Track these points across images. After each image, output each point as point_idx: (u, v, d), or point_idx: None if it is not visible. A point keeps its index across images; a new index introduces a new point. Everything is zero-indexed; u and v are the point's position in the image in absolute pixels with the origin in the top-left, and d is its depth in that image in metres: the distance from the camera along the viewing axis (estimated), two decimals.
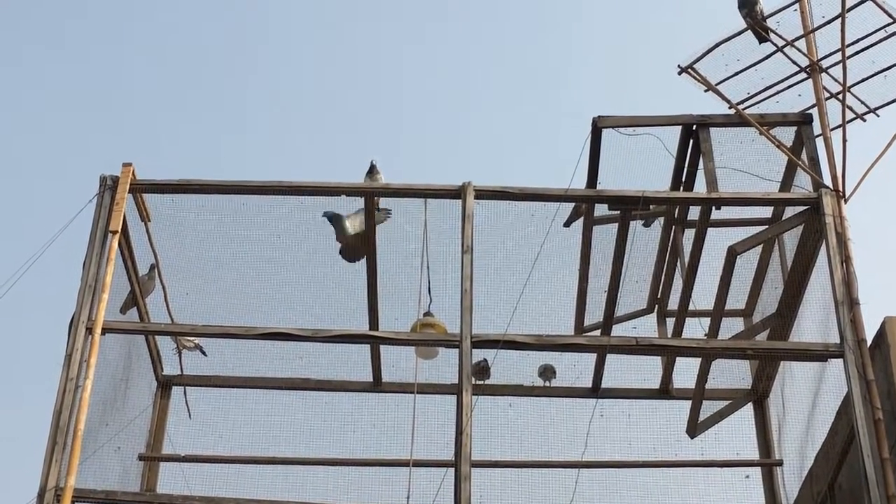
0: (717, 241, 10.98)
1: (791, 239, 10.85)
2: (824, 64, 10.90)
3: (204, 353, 11.74)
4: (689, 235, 11.19)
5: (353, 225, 10.88)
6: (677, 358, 11.55)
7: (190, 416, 11.86)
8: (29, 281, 10.23)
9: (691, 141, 10.97)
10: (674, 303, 11.65)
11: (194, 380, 11.97)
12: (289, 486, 11.28)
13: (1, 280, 10.16)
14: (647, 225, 11.49)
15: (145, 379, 11.68)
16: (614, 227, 10.95)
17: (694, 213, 11.08)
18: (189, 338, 11.52)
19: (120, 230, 10.23)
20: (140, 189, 10.63)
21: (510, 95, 27.27)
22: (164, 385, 11.95)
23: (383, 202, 10.94)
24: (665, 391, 11.89)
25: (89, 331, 9.78)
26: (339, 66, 27.19)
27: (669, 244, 11.51)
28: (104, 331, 9.88)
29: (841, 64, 10.70)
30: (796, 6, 10.95)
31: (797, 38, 10.93)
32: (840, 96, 10.76)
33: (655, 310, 12.05)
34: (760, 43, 11.00)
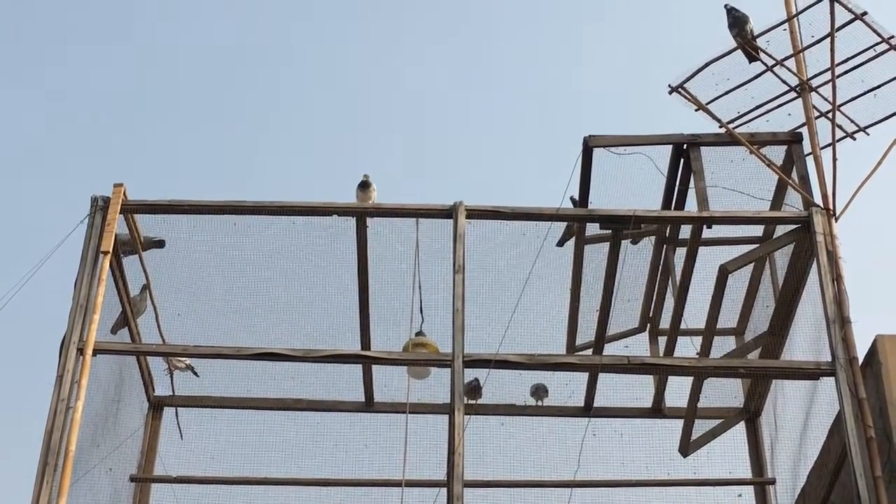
0: (709, 260, 10.99)
1: (782, 257, 10.87)
2: (814, 83, 10.93)
3: (196, 373, 11.71)
4: (680, 254, 11.21)
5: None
6: (669, 377, 11.55)
7: (181, 436, 11.83)
8: (21, 301, 10.22)
9: (682, 160, 11.00)
10: (665, 322, 11.66)
11: (186, 400, 11.94)
12: None
13: None
14: (634, 242, 11.50)
15: (137, 400, 11.65)
16: (606, 246, 10.96)
17: (685, 231, 11.10)
18: (180, 358, 11.49)
19: (111, 251, 10.22)
20: (131, 209, 10.62)
21: (502, 114, 27.35)
22: (156, 406, 11.91)
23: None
24: (657, 410, 11.89)
25: (80, 351, 9.75)
26: (337, 85, 27.26)
27: (661, 263, 11.52)
28: (95, 351, 9.84)
29: (831, 83, 10.73)
30: (786, 26, 10.97)
31: (787, 58, 10.96)
32: (830, 115, 10.79)
33: (647, 329, 12.06)
34: (750, 62, 11.02)
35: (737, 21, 10.94)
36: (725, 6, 11.00)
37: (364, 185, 10.93)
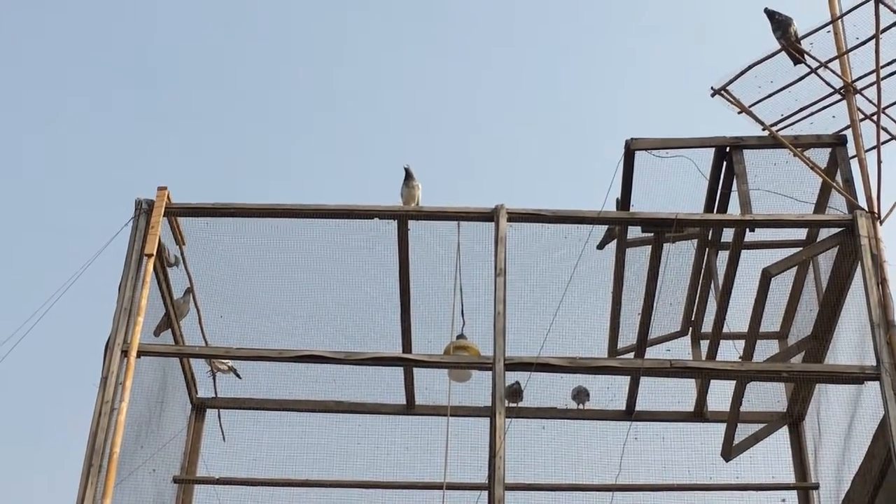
0: (752, 263, 10.94)
1: (826, 261, 10.80)
2: (858, 85, 10.85)
3: (238, 375, 11.78)
4: (722, 258, 11.16)
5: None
6: (712, 380, 11.50)
7: (224, 438, 11.90)
8: (65, 304, 10.30)
9: (725, 163, 10.95)
10: (708, 325, 11.60)
11: (228, 402, 12.02)
12: None
13: (38, 304, 10.25)
14: (672, 242, 11.43)
15: (180, 401, 11.73)
16: (648, 249, 10.93)
17: (728, 235, 11.05)
18: (223, 360, 11.56)
19: (155, 253, 10.29)
20: (175, 212, 10.70)
21: (543, 116, 27.34)
22: (199, 408, 12.00)
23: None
24: (699, 414, 11.84)
25: (125, 353, 9.83)
26: (379, 88, 27.33)
27: (703, 266, 11.48)
28: (139, 353, 9.93)
29: (875, 85, 10.66)
30: (830, 28, 10.91)
31: (831, 60, 10.89)
32: (875, 117, 10.71)
33: (689, 332, 12.00)
34: (795, 64, 10.97)
35: (780, 24, 10.88)
36: (766, 10, 10.95)
37: (408, 177, 10.92)
